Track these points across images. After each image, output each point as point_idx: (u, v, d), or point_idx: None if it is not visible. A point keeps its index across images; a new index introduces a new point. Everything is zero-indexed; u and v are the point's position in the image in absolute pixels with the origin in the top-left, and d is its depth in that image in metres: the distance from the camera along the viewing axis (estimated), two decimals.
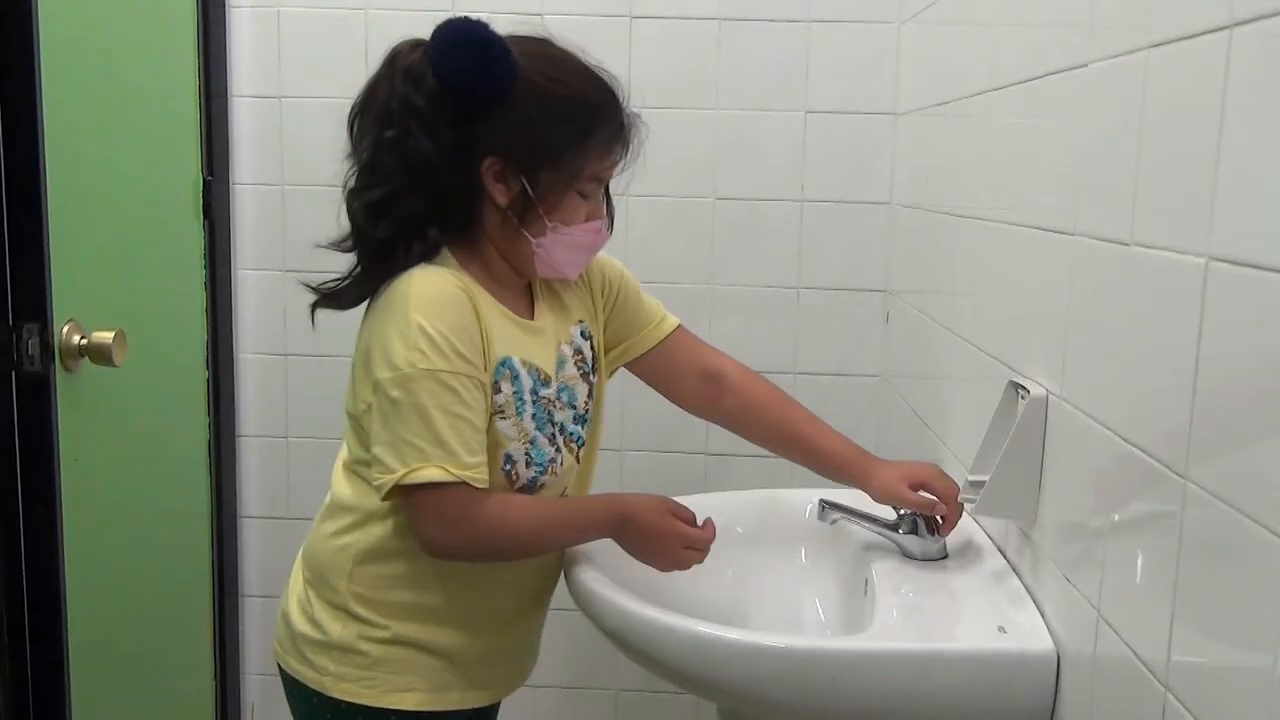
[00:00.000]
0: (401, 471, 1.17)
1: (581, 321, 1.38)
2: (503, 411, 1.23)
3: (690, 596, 1.35)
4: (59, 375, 1.51)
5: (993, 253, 1.41)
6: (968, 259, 1.54)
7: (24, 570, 1.47)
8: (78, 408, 1.57)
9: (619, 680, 2.19)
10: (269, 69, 2.09)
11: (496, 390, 1.22)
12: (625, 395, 1.54)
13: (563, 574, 1.35)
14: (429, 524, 1.20)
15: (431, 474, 1.16)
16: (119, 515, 1.75)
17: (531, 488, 1.27)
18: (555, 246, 1.26)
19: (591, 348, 1.38)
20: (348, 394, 1.29)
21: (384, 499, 1.20)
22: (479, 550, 1.24)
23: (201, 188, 2.02)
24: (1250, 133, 0.76)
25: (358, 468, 1.28)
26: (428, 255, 1.22)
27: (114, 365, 1.56)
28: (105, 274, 1.69)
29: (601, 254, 1.40)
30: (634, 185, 1.34)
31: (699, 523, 1.29)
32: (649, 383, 1.49)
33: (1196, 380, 0.82)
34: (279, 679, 1.36)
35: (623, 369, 1.48)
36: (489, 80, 1.19)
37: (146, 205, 1.85)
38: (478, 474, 1.19)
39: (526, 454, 1.26)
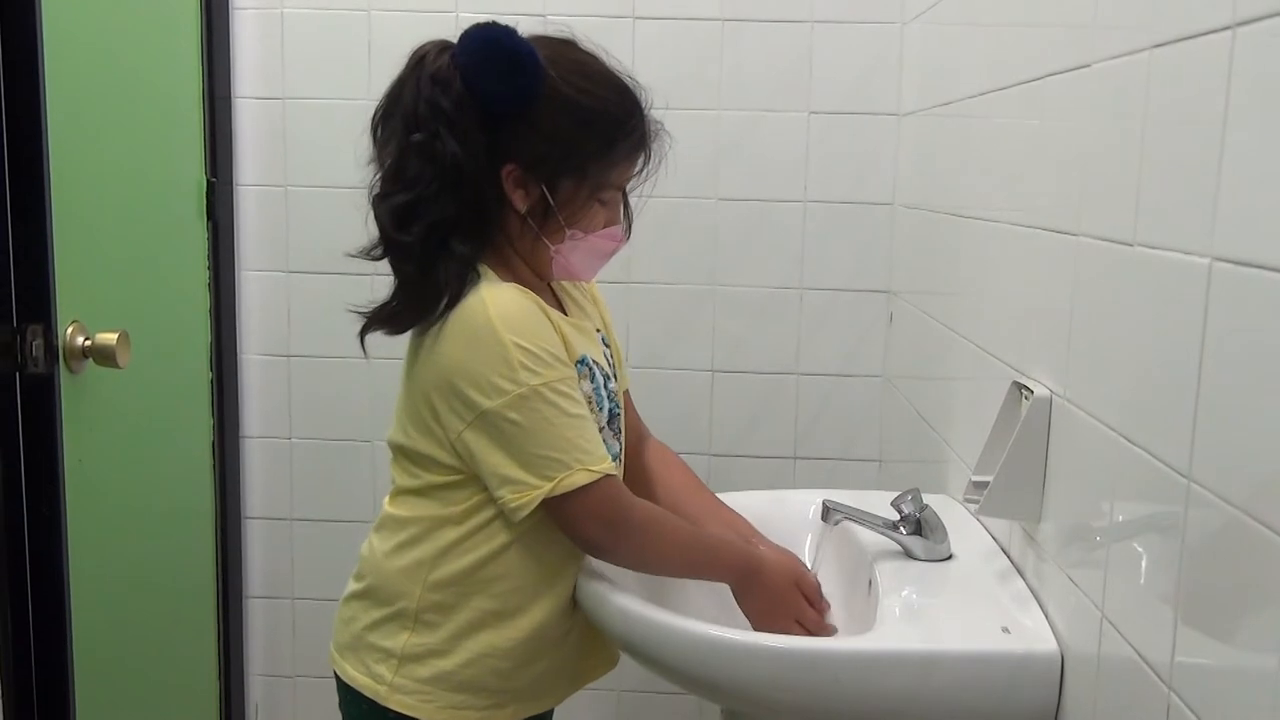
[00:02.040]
0: (548, 486, 1.17)
1: (599, 330, 1.39)
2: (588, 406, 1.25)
3: (694, 598, 1.35)
4: (63, 377, 1.51)
5: (996, 253, 1.41)
6: (971, 259, 1.53)
7: (28, 571, 1.47)
8: (82, 409, 1.57)
9: (621, 681, 2.18)
10: (272, 70, 2.09)
11: (580, 387, 1.23)
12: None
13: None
14: (588, 527, 1.21)
15: (579, 479, 1.18)
16: (123, 516, 1.75)
17: None
18: (573, 253, 1.26)
19: (609, 355, 1.38)
20: (397, 427, 1.27)
21: (517, 519, 1.20)
22: (635, 543, 1.25)
23: (205, 189, 2.02)
24: (1253, 132, 0.76)
25: (410, 490, 1.28)
26: (467, 268, 1.20)
27: (118, 367, 1.56)
28: (109, 276, 1.70)
29: (599, 291, 1.43)
30: (636, 186, 1.34)
31: (822, 596, 1.32)
32: None
33: (1200, 381, 0.82)
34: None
35: None
36: (517, 90, 1.18)
37: (150, 207, 1.85)
38: (610, 464, 1.21)
39: None
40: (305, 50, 2.08)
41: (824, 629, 1.31)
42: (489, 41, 1.18)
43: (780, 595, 1.29)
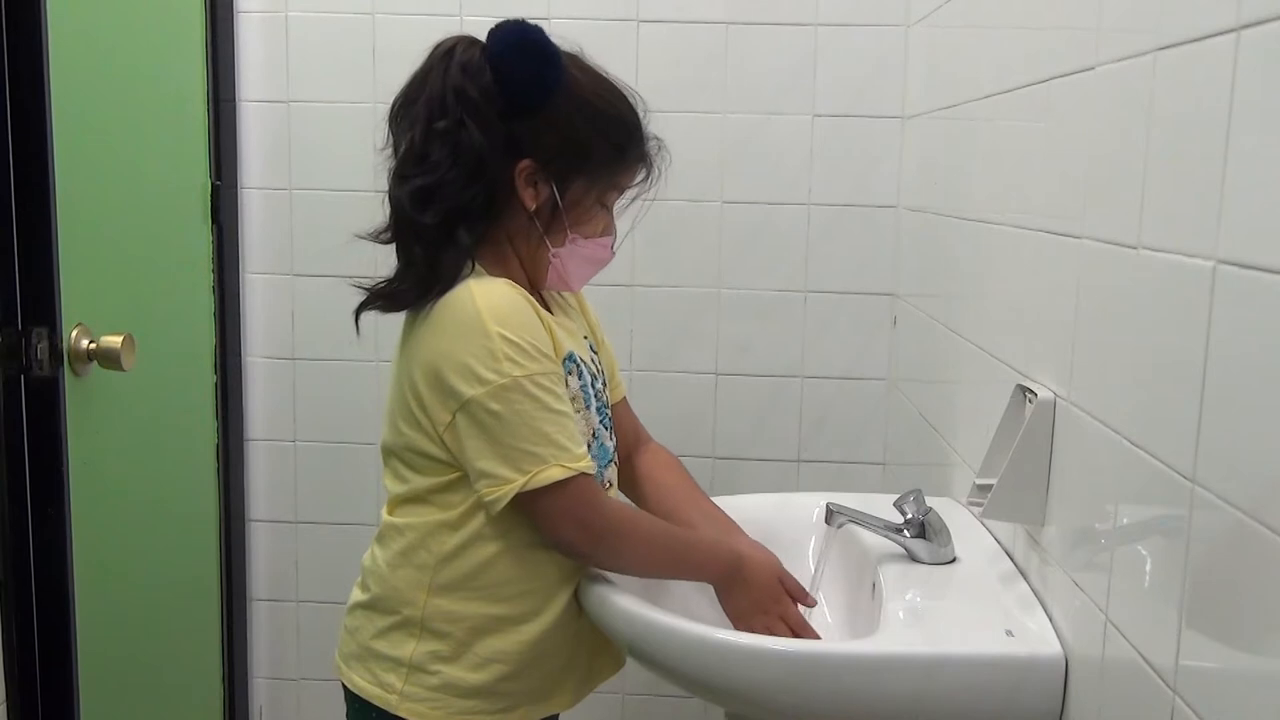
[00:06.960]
0: (521, 480, 1.17)
1: (587, 337, 1.39)
2: (573, 404, 1.24)
3: (698, 601, 1.35)
4: (68, 379, 1.51)
5: (1000, 256, 1.41)
6: (975, 262, 1.53)
7: (33, 573, 1.47)
8: (86, 412, 1.57)
9: (626, 684, 2.19)
10: (277, 74, 2.10)
11: (565, 384, 1.24)
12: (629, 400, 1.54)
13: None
14: (563, 527, 1.21)
15: (553, 474, 1.18)
16: (127, 519, 1.75)
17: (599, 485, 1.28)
18: (571, 258, 1.28)
19: (598, 360, 1.38)
20: (388, 426, 1.27)
21: (494, 512, 1.20)
22: (610, 545, 1.24)
23: (210, 192, 2.02)
24: (1258, 135, 0.76)
25: (406, 497, 1.27)
26: (467, 258, 1.22)
27: (122, 369, 1.56)
28: (114, 278, 1.70)
29: (588, 300, 1.44)
30: (634, 199, 1.34)
31: (807, 593, 1.32)
32: None
33: (1204, 384, 0.82)
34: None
35: None
36: (544, 83, 1.21)
37: (155, 210, 1.86)
38: (589, 463, 1.21)
39: (589, 448, 1.27)
40: (309, 54, 2.09)
41: (807, 629, 1.30)
42: (520, 34, 1.22)
43: (763, 592, 1.29)
